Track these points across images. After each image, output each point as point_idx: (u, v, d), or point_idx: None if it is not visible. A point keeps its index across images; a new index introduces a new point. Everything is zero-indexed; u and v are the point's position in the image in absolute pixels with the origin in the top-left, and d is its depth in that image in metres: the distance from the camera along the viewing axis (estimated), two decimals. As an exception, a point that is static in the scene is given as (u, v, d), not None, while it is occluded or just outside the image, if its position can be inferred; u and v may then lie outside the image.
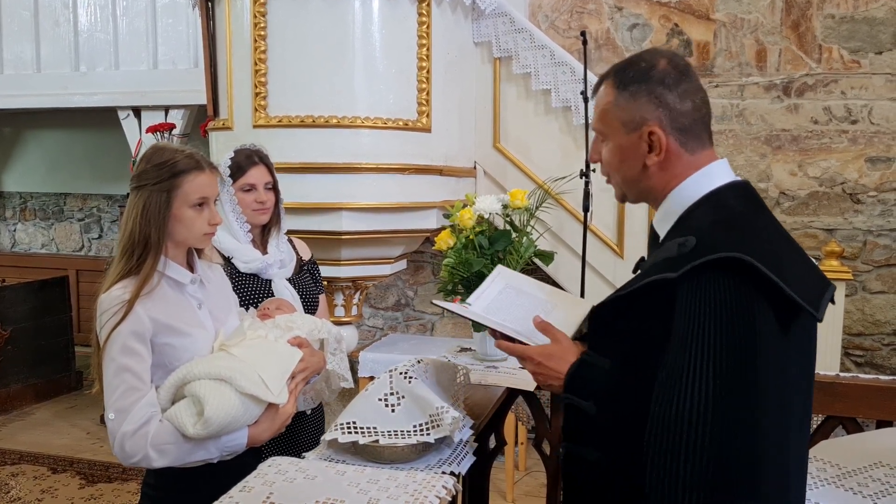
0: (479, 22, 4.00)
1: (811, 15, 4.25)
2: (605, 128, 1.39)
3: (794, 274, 1.21)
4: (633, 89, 1.33)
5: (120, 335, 1.65)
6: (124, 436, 1.63)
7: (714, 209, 1.30)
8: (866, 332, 4.30)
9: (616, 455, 1.33)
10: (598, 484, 1.38)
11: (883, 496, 1.71)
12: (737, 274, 1.18)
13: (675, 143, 1.33)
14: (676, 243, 1.26)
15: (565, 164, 3.81)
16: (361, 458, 1.57)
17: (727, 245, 1.19)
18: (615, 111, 1.36)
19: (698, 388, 1.16)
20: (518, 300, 1.69)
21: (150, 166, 1.75)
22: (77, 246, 7.31)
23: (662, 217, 1.39)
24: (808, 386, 1.31)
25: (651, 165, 1.35)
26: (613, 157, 1.40)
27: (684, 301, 1.20)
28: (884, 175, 4.20)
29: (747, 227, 1.26)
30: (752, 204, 1.33)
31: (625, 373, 1.32)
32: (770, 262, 1.18)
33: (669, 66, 1.33)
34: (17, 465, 4.51)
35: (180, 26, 5.17)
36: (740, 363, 1.16)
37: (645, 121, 1.33)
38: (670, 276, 1.22)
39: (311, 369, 1.90)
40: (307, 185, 3.48)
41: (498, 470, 3.21)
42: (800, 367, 1.27)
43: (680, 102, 1.32)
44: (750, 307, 1.17)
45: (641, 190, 1.41)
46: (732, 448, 1.15)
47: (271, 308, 2.14)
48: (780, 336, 1.19)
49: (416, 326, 5.00)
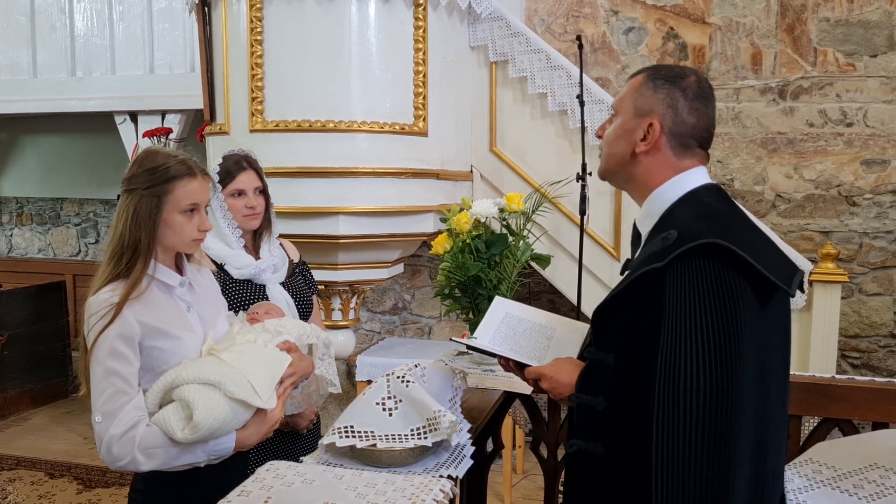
0: (476, 26, 4.00)
1: (806, 18, 4.26)
2: (621, 106, 1.54)
3: (767, 258, 1.34)
4: (658, 84, 1.48)
5: (107, 338, 1.65)
6: (111, 439, 1.62)
7: (693, 206, 1.44)
8: (862, 333, 4.31)
9: (620, 448, 1.43)
10: (602, 481, 1.46)
11: (878, 498, 1.72)
12: (717, 258, 1.31)
13: (666, 143, 1.48)
14: (660, 238, 1.39)
15: (562, 168, 3.81)
16: (359, 461, 1.57)
17: (706, 234, 1.32)
18: (636, 95, 1.51)
19: (692, 365, 1.28)
20: (520, 327, 1.83)
21: (141, 170, 1.74)
22: (74, 251, 7.30)
23: (645, 215, 1.53)
24: (785, 355, 1.44)
25: (638, 153, 1.49)
26: (613, 132, 1.54)
27: (671, 287, 1.33)
28: (879, 177, 4.22)
29: (723, 220, 1.40)
30: (724, 201, 1.47)
31: (627, 365, 1.42)
32: (745, 247, 1.31)
33: (696, 83, 1.48)
34: (14, 470, 4.50)
35: (177, 31, 5.17)
36: (726, 337, 1.28)
37: (652, 112, 1.47)
38: (658, 265, 1.34)
39: (300, 374, 1.90)
40: (304, 189, 3.48)
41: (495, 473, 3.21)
42: (779, 338, 1.41)
43: (687, 114, 1.47)
44: (731, 287, 1.30)
45: (623, 174, 1.54)
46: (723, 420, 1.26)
47: (260, 312, 2.14)
48: (759, 312, 1.33)
49: (414, 330, 5.00)
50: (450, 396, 1.80)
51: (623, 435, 1.42)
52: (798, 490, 1.77)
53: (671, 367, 1.29)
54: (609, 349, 1.47)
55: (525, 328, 1.85)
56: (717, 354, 1.27)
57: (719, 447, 1.25)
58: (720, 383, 1.26)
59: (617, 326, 1.46)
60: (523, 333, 1.83)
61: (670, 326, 1.31)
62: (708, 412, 1.26)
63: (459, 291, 2.42)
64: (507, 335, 1.82)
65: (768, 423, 1.35)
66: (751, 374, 1.29)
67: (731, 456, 1.26)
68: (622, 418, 1.42)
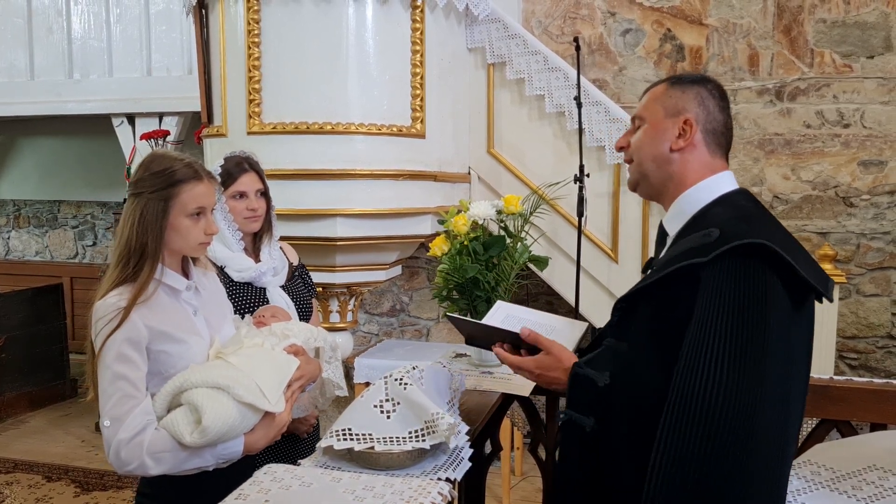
0: (473, 28, 4.01)
1: (803, 19, 4.27)
2: (647, 112, 1.56)
3: (804, 262, 1.38)
4: (685, 86, 1.54)
5: (115, 343, 1.65)
6: (120, 443, 1.62)
7: (730, 208, 1.46)
8: (860, 334, 4.31)
9: (612, 425, 1.45)
10: (590, 454, 1.49)
11: (877, 499, 1.72)
12: (757, 259, 1.33)
13: (702, 140, 1.51)
14: (700, 235, 1.40)
15: (559, 170, 3.81)
16: (357, 464, 1.57)
17: (750, 234, 1.34)
18: (663, 98, 1.54)
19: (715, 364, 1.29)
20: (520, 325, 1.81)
21: (148, 174, 1.74)
22: (71, 253, 7.30)
23: (674, 215, 1.53)
24: (808, 359, 1.46)
25: (676, 150, 1.51)
26: (645, 137, 1.56)
27: (710, 282, 1.34)
28: (876, 178, 4.22)
29: (763, 222, 1.43)
30: (759, 206, 1.50)
31: (642, 353, 1.44)
32: (786, 249, 1.34)
33: (717, 86, 1.56)
34: (11, 473, 4.50)
35: (174, 33, 5.17)
36: (757, 336, 1.30)
37: (685, 110, 1.52)
38: (701, 260, 1.35)
39: (308, 377, 1.90)
40: (301, 191, 3.48)
41: (494, 475, 3.21)
42: (804, 343, 1.43)
43: (717, 111, 1.53)
44: (769, 289, 1.32)
45: (659, 174, 1.55)
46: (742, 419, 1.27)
47: (266, 316, 2.14)
48: (792, 314, 1.36)
49: (412, 332, 5.00)
50: (448, 399, 1.80)
51: (618, 413, 1.44)
52: (797, 491, 1.77)
53: (695, 360, 1.30)
54: (623, 338, 1.49)
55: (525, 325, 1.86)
56: (745, 352, 1.28)
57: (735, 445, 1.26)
58: (743, 381, 1.27)
59: (638, 316, 1.47)
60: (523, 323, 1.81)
61: (703, 319, 1.32)
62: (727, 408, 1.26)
63: (457, 293, 2.41)
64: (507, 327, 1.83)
65: (788, 426, 1.36)
66: (776, 376, 1.31)
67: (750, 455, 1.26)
68: (621, 397, 1.44)
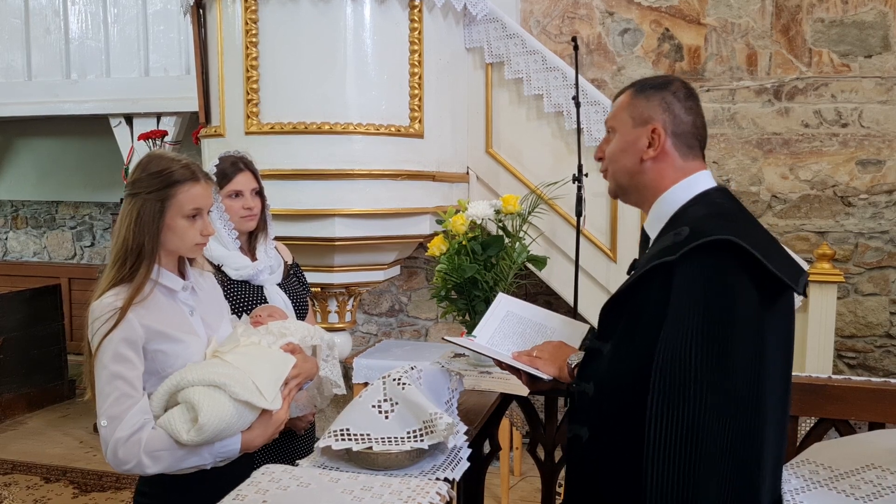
0: (471, 28, 4.01)
1: (801, 19, 4.27)
2: (616, 122, 1.58)
3: (776, 258, 1.38)
4: (648, 93, 1.54)
5: (112, 342, 1.65)
6: (117, 442, 1.63)
7: (704, 206, 1.48)
8: (858, 334, 4.31)
9: (603, 433, 1.46)
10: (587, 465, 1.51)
11: (875, 498, 1.72)
12: (728, 255, 1.34)
13: (672, 145, 1.52)
14: (672, 234, 1.42)
15: (558, 169, 3.81)
16: (355, 464, 1.57)
17: (719, 232, 1.35)
18: (629, 108, 1.55)
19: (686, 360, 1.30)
20: (519, 327, 1.87)
21: (145, 174, 1.74)
22: (69, 254, 7.29)
23: (654, 219, 1.55)
24: (787, 356, 1.47)
25: (647, 160, 1.52)
26: (616, 148, 1.57)
27: (680, 280, 1.35)
28: (875, 178, 4.22)
29: (735, 219, 1.44)
30: (734, 203, 1.51)
31: (620, 353, 1.45)
32: (756, 247, 1.34)
33: (682, 86, 1.55)
34: (9, 474, 4.49)
35: (171, 33, 5.17)
36: (726, 331, 1.31)
37: (651, 119, 1.52)
38: (669, 259, 1.37)
39: (304, 375, 1.90)
40: (300, 191, 3.48)
41: (493, 475, 3.21)
42: (781, 338, 1.43)
43: (684, 114, 1.52)
44: (737, 284, 1.33)
45: (635, 185, 1.56)
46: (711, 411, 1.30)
47: (263, 315, 2.14)
48: (762, 310, 1.35)
49: (410, 332, 5.00)
50: (446, 399, 1.80)
51: (606, 420, 1.45)
52: (795, 491, 1.77)
53: (668, 360, 1.31)
54: (607, 339, 1.51)
55: (525, 328, 1.88)
56: (710, 350, 1.30)
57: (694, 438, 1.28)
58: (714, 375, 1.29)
59: (617, 317, 1.49)
60: (522, 333, 1.87)
61: (675, 317, 1.33)
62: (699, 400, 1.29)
63: (456, 293, 2.41)
64: (506, 334, 1.86)
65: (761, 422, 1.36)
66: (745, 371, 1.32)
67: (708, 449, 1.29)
68: (607, 404, 1.46)
